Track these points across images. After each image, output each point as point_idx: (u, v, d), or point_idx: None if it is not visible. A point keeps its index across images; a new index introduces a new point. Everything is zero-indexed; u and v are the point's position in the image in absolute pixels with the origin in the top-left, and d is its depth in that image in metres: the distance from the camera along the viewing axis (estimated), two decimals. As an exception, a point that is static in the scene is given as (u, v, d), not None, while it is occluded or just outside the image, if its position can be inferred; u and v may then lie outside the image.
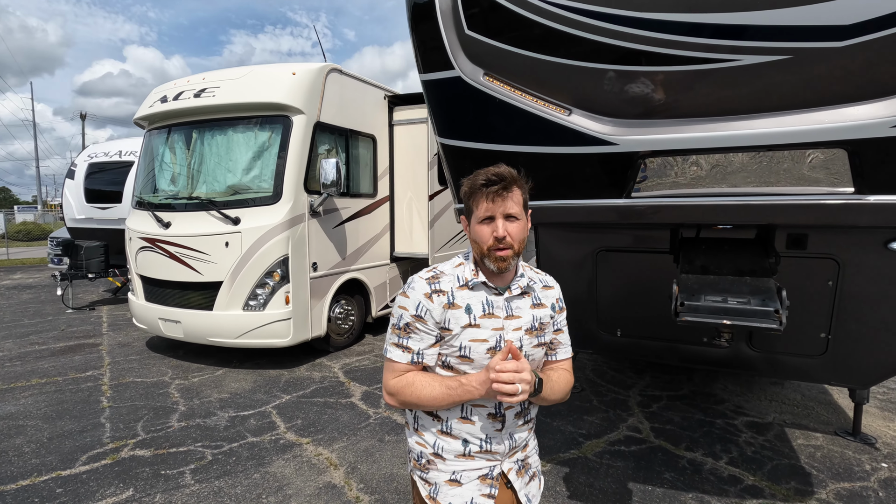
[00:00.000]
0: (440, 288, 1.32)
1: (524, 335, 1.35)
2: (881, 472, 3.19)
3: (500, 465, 1.38)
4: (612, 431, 3.78)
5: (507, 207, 1.28)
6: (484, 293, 1.34)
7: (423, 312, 1.31)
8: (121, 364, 5.42)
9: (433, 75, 2.19)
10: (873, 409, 4.15)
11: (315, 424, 3.91)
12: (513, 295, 1.36)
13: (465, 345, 1.31)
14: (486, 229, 1.28)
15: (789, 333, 3.38)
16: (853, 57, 1.49)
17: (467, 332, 1.30)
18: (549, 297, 1.45)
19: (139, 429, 3.82)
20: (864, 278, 3.12)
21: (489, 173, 1.28)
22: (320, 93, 5.25)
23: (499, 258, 1.28)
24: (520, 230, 1.30)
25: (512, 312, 1.36)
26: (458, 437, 1.35)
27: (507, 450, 1.38)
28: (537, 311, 1.39)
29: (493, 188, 1.26)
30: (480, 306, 1.33)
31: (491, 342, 1.31)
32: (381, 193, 6.33)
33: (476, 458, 1.36)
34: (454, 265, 1.38)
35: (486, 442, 1.35)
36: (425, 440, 1.39)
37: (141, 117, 5.83)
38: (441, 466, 1.37)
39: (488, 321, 1.32)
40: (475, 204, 1.30)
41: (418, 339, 1.32)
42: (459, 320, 1.31)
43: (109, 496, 2.93)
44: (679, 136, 1.77)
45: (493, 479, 1.36)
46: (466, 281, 1.34)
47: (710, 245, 2.39)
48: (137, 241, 5.51)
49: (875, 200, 1.65)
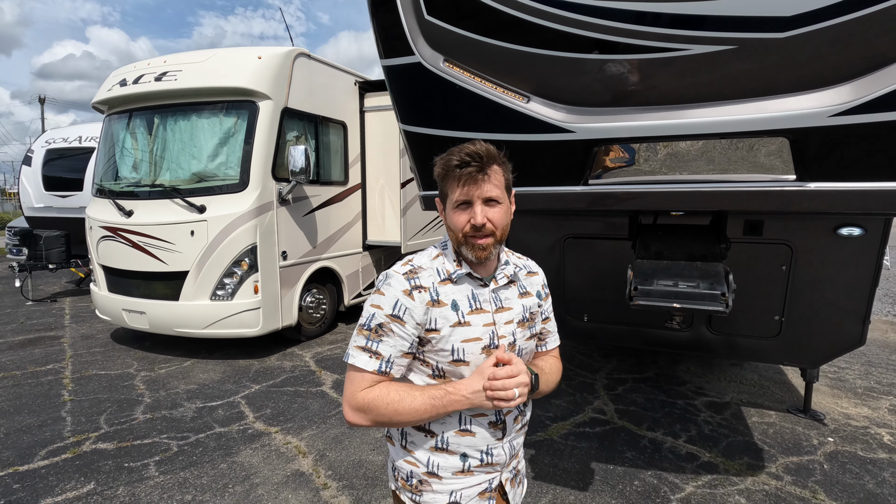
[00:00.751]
0: (421, 283, 1.17)
1: (517, 328, 1.24)
2: (827, 447, 3.37)
3: (499, 476, 1.26)
4: (578, 414, 3.88)
5: (486, 191, 1.13)
6: (469, 286, 1.21)
7: (402, 312, 1.14)
8: (84, 357, 5.27)
9: (394, 61, 2.17)
10: (824, 388, 4.36)
11: (285, 413, 3.90)
12: (499, 285, 1.24)
13: (458, 347, 1.16)
14: (463, 216, 1.15)
15: (746, 317, 3.53)
16: (793, 48, 1.54)
17: (457, 332, 1.16)
18: (534, 284, 1.34)
19: (102, 422, 3.74)
20: (815, 263, 3.26)
21: (463, 152, 1.13)
22: (287, 78, 5.14)
23: (478, 247, 1.15)
24: (501, 215, 1.16)
25: (502, 304, 1.24)
26: (455, 453, 1.21)
27: (507, 459, 1.27)
28: (526, 301, 1.29)
29: (468, 170, 1.12)
30: (467, 301, 1.19)
31: (485, 340, 1.18)
32: (352, 181, 6.27)
33: (475, 474, 1.23)
34: (431, 257, 1.23)
35: (486, 454, 1.22)
36: (417, 459, 1.23)
37: (100, 101, 5.61)
38: (437, 487, 1.22)
39: (478, 317, 1.19)
40: (449, 187, 1.16)
41: (390, 344, 1.15)
42: (448, 319, 1.16)
43: (69, 490, 2.87)
44: (632, 125, 1.81)
45: (491, 491, 1.26)
46: (449, 274, 1.20)
47: (665, 231, 2.46)
48: (98, 231, 5.34)
49: (815, 187, 1.72)
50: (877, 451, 3.32)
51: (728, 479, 2.97)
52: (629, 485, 2.93)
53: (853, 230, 3.07)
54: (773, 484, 2.93)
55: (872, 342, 5.70)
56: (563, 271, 3.81)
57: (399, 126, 2.41)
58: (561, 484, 2.94)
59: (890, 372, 4.81)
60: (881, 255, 3.13)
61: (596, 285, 3.75)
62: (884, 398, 4.18)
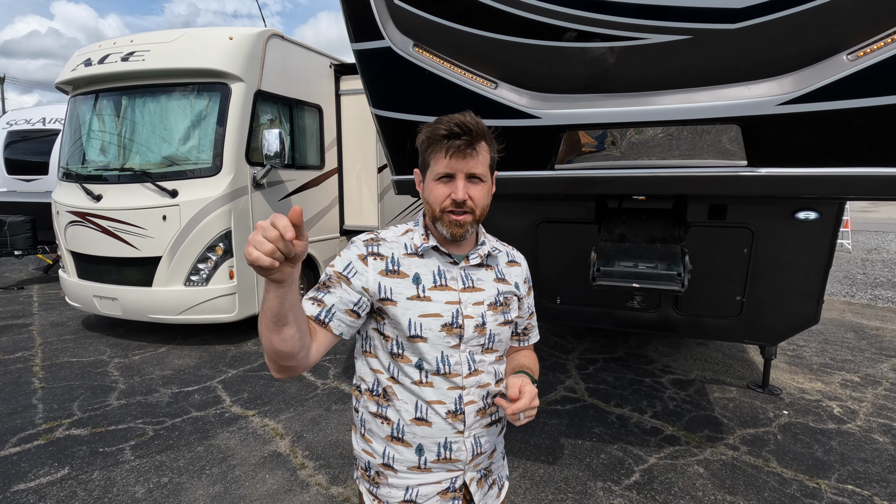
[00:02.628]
0: (378, 251, 1.14)
1: (487, 310, 1.17)
2: (782, 419, 3.57)
3: (462, 476, 1.18)
4: (550, 392, 4.01)
5: (472, 166, 1.07)
6: (436, 261, 1.16)
7: (351, 273, 1.11)
8: (54, 344, 5.18)
9: (364, 45, 2.18)
10: (782, 365, 4.58)
11: (261, 397, 3.93)
12: (470, 264, 1.18)
13: (415, 321, 1.11)
14: (444, 189, 1.09)
15: (710, 297, 3.68)
16: (745, 39, 1.61)
17: (416, 307, 1.11)
18: (514, 274, 1.27)
19: (75, 408, 3.71)
20: (774, 245, 3.41)
21: (453, 122, 1.06)
22: (260, 59, 5.04)
23: (454, 223, 1.09)
24: (483, 194, 1.11)
25: (473, 284, 1.17)
26: (411, 445, 1.14)
27: (471, 456, 1.17)
28: (501, 286, 1.22)
29: (457, 142, 1.05)
30: (431, 276, 1.14)
31: (446, 317, 1.12)
32: (328, 165, 6.22)
33: (434, 471, 1.15)
34: (400, 233, 1.20)
35: (444, 448, 1.14)
36: (373, 448, 1.19)
37: (63, 81, 5.42)
38: (393, 481, 1.16)
39: (441, 293, 1.13)
40: (433, 157, 1.09)
41: (336, 295, 1.10)
42: (404, 291, 1.12)
43: (43, 476, 2.87)
44: (594, 111, 1.87)
45: (455, 491, 1.17)
46: (416, 248, 1.16)
47: (628, 215, 2.55)
48: (66, 216, 5.20)
49: (765, 173, 1.81)
50: (827, 422, 3.53)
51: (689, 451, 3.14)
52: (596, 458, 3.07)
53: (809, 214, 3.22)
54: (730, 454, 3.11)
55: (830, 321, 5.99)
56: (536, 255, 3.90)
57: (371, 111, 2.43)
58: (531, 459, 3.06)
59: (844, 349, 5.08)
60: (835, 238, 3.29)
61: (568, 269, 3.85)
62: (836, 373, 4.43)
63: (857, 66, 1.52)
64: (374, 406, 1.18)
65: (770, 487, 2.77)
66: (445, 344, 1.13)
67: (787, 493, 2.71)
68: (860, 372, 4.47)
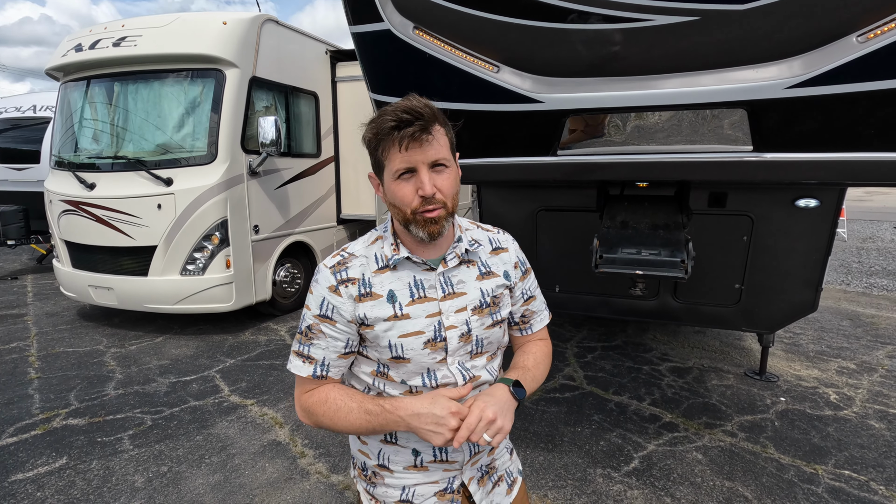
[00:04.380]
0: (348, 276, 1.03)
1: (472, 316, 1.07)
2: (779, 406, 3.59)
3: (460, 476, 1.13)
4: (549, 381, 4.02)
5: (432, 154, 0.96)
6: (410, 271, 1.05)
7: (330, 311, 1.03)
8: (49, 334, 5.14)
9: (362, 28, 2.13)
10: (779, 352, 4.61)
11: (260, 386, 3.91)
12: (449, 267, 1.07)
13: (395, 343, 1.02)
14: (408, 187, 0.97)
15: (708, 285, 3.68)
16: (753, 20, 1.58)
17: (395, 327, 1.02)
18: (502, 263, 1.15)
19: (72, 398, 3.69)
20: (773, 233, 3.40)
21: (399, 110, 0.94)
22: (255, 45, 4.96)
23: (429, 221, 0.98)
24: (451, 182, 1.00)
25: (453, 289, 1.07)
26: (406, 447, 1.09)
27: (468, 456, 1.12)
28: (486, 284, 1.11)
29: (410, 130, 0.93)
30: (407, 290, 1.04)
31: (428, 333, 1.03)
32: (325, 153, 6.16)
33: (430, 470, 1.10)
34: (368, 242, 1.09)
35: (440, 450, 1.09)
36: (368, 449, 1.14)
37: (54, 67, 5.31)
38: (389, 480, 1.12)
39: (419, 307, 1.04)
40: (386, 155, 0.98)
41: (322, 347, 1.04)
42: (381, 313, 1.02)
43: (41, 465, 2.85)
44: (598, 95, 1.84)
45: (453, 492, 1.12)
46: (387, 260, 1.05)
47: (630, 202, 2.53)
48: (59, 205, 5.14)
49: (770, 158, 1.79)
50: (823, 408, 3.56)
51: (687, 438, 3.16)
52: (595, 445, 3.08)
53: (810, 202, 3.21)
54: (728, 440, 3.12)
55: (826, 309, 6.02)
56: (535, 243, 3.88)
57: (370, 95, 2.38)
58: (531, 446, 3.07)
59: (840, 337, 5.11)
60: (834, 226, 3.28)
61: (567, 257, 3.84)
62: (833, 361, 4.45)
63: (867, 48, 1.49)
64: None
65: (768, 473, 2.79)
66: (431, 360, 1.05)
67: (784, 479, 2.74)
68: (856, 359, 4.50)
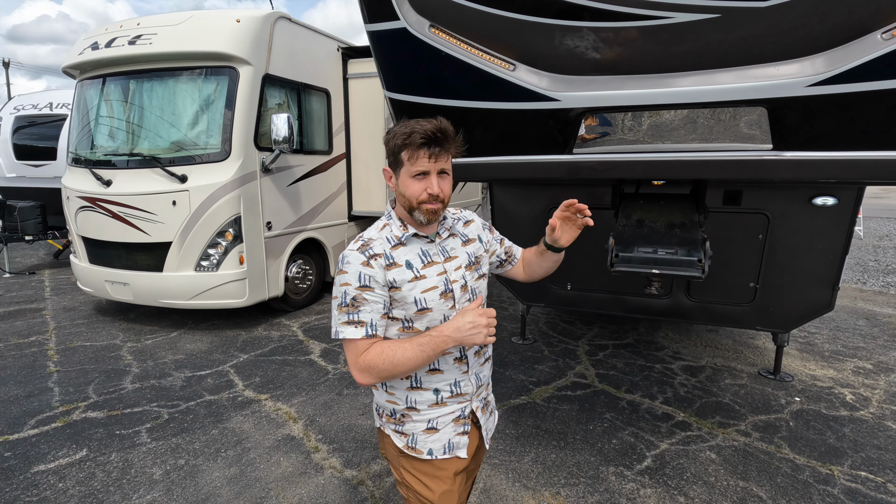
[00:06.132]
0: (374, 252, 1.32)
1: (465, 272, 1.43)
2: (794, 406, 3.56)
3: (470, 405, 1.46)
4: (560, 378, 4.02)
5: (442, 165, 1.31)
6: (417, 245, 1.38)
7: (368, 280, 1.29)
8: (67, 328, 5.23)
9: (378, 26, 2.14)
10: (793, 352, 4.56)
11: (273, 381, 3.96)
12: (443, 238, 1.44)
13: (419, 297, 1.33)
14: (419, 185, 1.30)
15: (723, 283, 3.65)
16: (774, 17, 1.56)
17: (417, 286, 1.33)
18: (474, 230, 1.54)
19: (90, 391, 3.76)
20: (790, 231, 3.36)
21: (427, 130, 1.26)
22: (268, 43, 4.98)
23: (430, 211, 1.32)
24: (449, 185, 1.36)
25: (449, 254, 1.43)
26: (428, 389, 1.40)
27: (475, 389, 1.46)
28: (469, 248, 1.48)
29: (436, 148, 1.27)
30: (419, 258, 1.36)
31: (441, 287, 1.36)
32: (336, 150, 6.18)
33: (448, 404, 1.42)
34: (379, 228, 1.40)
35: (454, 386, 1.41)
36: (396, 398, 1.43)
37: (70, 66, 5.38)
38: (416, 418, 1.42)
39: (431, 269, 1.36)
40: (410, 159, 1.29)
41: (368, 311, 1.29)
42: (405, 277, 1.33)
43: (62, 457, 2.91)
44: (617, 94, 1.82)
45: (465, 418, 1.45)
46: (398, 238, 1.36)
47: (646, 200, 2.51)
48: (76, 201, 5.22)
49: (791, 157, 1.77)
50: (839, 409, 3.52)
51: (700, 437, 3.14)
52: (608, 443, 3.08)
53: (827, 200, 3.17)
54: (742, 440, 3.11)
55: (841, 308, 5.94)
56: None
57: (384, 94, 2.39)
58: (543, 444, 3.07)
59: (856, 336, 5.05)
60: (852, 224, 3.24)
61: (579, 254, 3.81)
62: (849, 360, 4.40)
63: (892, 45, 1.47)
64: None
65: (783, 473, 2.77)
66: (445, 307, 1.37)
67: (799, 480, 2.72)
68: (872, 359, 4.44)
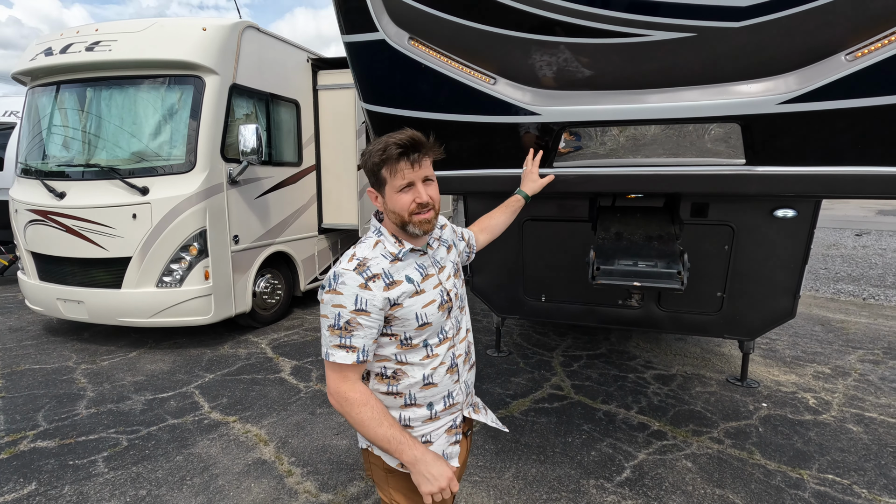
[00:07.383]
0: (373, 273, 1.26)
1: (454, 279, 1.45)
2: (762, 412, 3.67)
3: (461, 413, 1.46)
4: (537, 391, 4.01)
5: (424, 172, 1.29)
6: (412, 259, 1.36)
7: (364, 304, 1.24)
8: (13, 351, 4.88)
9: (356, 37, 2.10)
10: (757, 358, 4.72)
11: (242, 402, 3.79)
12: (434, 249, 1.44)
13: (420, 313, 1.31)
14: (407, 197, 1.28)
15: (691, 294, 3.75)
16: (748, 37, 1.62)
17: (418, 301, 1.31)
18: (448, 235, 1.55)
19: (40, 419, 3.50)
20: (753, 242, 3.49)
21: (400, 140, 1.25)
22: (235, 52, 4.86)
23: (423, 221, 1.30)
24: (436, 191, 1.35)
25: (440, 264, 1.43)
26: (422, 405, 1.37)
27: (465, 396, 1.46)
28: (451, 255, 1.50)
29: (414, 156, 1.26)
30: (417, 272, 1.35)
31: (438, 299, 1.36)
32: (306, 162, 6.07)
33: (441, 418, 1.40)
34: (372, 246, 1.33)
35: (447, 398, 1.40)
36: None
37: (21, 72, 5.09)
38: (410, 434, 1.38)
39: (428, 282, 1.36)
40: (391, 174, 1.27)
41: (361, 336, 1.25)
42: (407, 293, 1.30)
43: (8, 493, 2.68)
44: (596, 108, 1.85)
45: (457, 427, 1.44)
46: (394, 255, 1.32)
47: (623, 213, 2.56)
48: (26, 214, 4.91)
49: (762, 171, 1.83)
50: (803, 413, 3.65)
51: (676, 446, 3.18)
52: (587, 455, 3.08)
53: (787, 212, 3.30)
54: (716, 447, 3.17)
55: (798, 315, 6.20)
56: (521, 253, 3.89)
57: (361, 105, 2.35)
58: (523, 458, 3.04)
59: (814, 342, 5.28)
60: (811, 235, 3.39)
61: (554, 266, 3.85)
62: (808, 366, 4.59)
63: (855, 66, 1.54)
64: (384, 387, 1.37)
65: (756, 480, 2.83)
66: (442, 319, 1.37)
67: (772, 485, 2.78)
68: (830, 364, 4.65)
